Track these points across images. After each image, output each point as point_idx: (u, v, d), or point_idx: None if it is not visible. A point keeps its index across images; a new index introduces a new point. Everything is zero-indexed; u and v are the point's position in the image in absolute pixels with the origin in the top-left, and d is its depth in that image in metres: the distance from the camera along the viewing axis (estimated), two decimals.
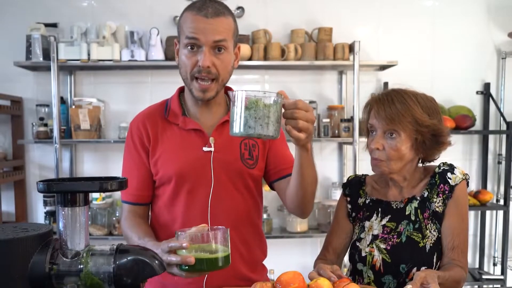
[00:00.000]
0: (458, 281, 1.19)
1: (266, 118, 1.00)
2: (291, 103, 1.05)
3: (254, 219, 1.41)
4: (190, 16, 1.25)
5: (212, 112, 1.36)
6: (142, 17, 2.79)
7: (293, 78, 2.88)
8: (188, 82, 1.28)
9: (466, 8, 2.94)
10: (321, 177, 2.93)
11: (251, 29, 2.78)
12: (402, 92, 1.31)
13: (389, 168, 1.29)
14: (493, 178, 3.01)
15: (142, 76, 2.83)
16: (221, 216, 1.31)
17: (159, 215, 1.37)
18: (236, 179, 1.33)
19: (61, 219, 0.78)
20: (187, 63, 1.25)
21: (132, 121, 1.40)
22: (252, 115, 1.00)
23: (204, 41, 1.22)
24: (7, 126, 2.80)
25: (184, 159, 1.30)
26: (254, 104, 1.00)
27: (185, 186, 1.31)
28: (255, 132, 1.01)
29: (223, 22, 1.25)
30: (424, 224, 1.29)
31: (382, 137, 1.29)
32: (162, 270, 0.80)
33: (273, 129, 1.02)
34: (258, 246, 1.43)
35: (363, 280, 1.32)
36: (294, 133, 1.05)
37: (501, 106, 2.94)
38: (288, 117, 1.05)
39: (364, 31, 2.90)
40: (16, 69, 2.63)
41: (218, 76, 1.26)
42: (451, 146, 1.35)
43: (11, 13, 2.76)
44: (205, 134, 1.32)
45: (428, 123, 1.26)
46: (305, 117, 1.05)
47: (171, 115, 1.35)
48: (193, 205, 1.31)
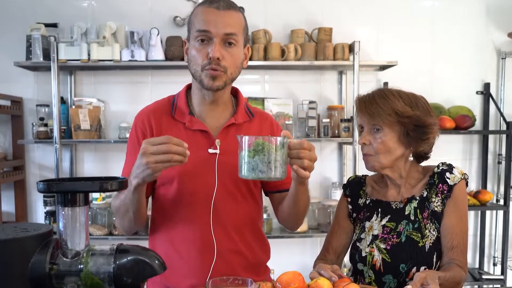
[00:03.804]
0: (458, 282, 1.19)
1: (276, 162, 1.06)
2: (296, 143, 1.09)
3: (256, 222, 1.40)
4: (201, 10, 1.25)
5: (219, 112, 1.35)
6: (142, 17, 2.79)
7: (293, 78, 2.88)
8: (198, 74, 1.26)
9: (466, 8, 2.94)
10: (321, 177, 2.94)
11: (251, 29, 2.77)
12: (384, 89, 1.35)
13: (379, 162, 1.31)
14: (493, 178, 3.01)
15: (142, 76, 2.83)
16: (224, 219, 1.30)
17: (160, 215, 1.35)
18: (240, 183, 1.31)
19: (61, 219, 0.78)
20: (197, 56, 1.24)
21: (137, 115, 1.38)
22: (262, 159, 1.05)
23: (215, 33, 1.22)
24: (7, 126, 2.80)
25: (189, 160, 1.28)
26: (263, 148, 1.05)
27: (188, 187, 1.29)
28: (266, 176, 1.07)
29: (234, 16, 1.25)
30: (423, 224, 1.29)
31: (369, 133, 1.32)
32: (163, 270, 0.80)
33: (282, 171, 1.08)
34: (261, 249, 1.41)
35: (364, 280, 1.33)
36: (301, 172, 1.10)
37: (501, 106, 2.94)
38: (294, 156, 1.09)
39: (364, 31, 2.90)
40: (16, 69, 2.63)
41: (227, 69, 1.25)
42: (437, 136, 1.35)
43: (11, 13, 2.76)
44: (211, 136, 1.31)
45: (409, 114, 1.28)
46: (309, 157, 1.10)
47: (177, 113, 1.33)
48: (195, 207, 1.29)
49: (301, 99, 2.82)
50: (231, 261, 1.31)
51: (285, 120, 2.74)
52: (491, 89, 2.93)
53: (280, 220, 1.44)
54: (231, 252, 1.31)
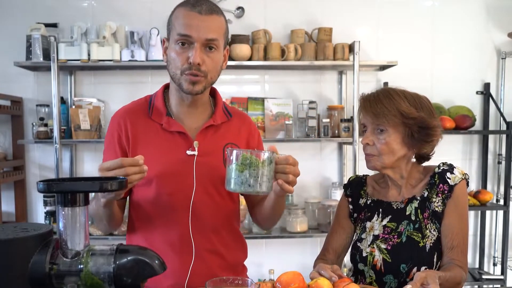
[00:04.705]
0: (458, 282, 1.19)
1: (264, 176, 1.08)
2: (282, 158, 1.12)
3: (233, 223, 1.40)
4: (183, 12, 1.23)
5: (197, 113, 1.34)
6: (142, 17, 2.79)
7: (293, 78, 2.88)
8: (177, 77, 1.26)
9: (465, 8, 2.94)
10: (321, 177, 2.94)
11: (251, 29, 2.77)
12: (389, 89, 1.33)
13: (381, 162, 1.30)
14: (493, 178, 3.01)
15: (142, 76, 2.83)
16: (202, 220, 1.30)
17: (138, 215, 1.34)
18: (218, 184, 1.30)
19: (61, 219, 0.78)
20: (177, 59, 1.23)
21: (113, 116, 1.36)
22: (252, 174, 1.07)
23: (197, 38, 1.21)
24: (7, 126, 2.79)
25: (167, 161, 1.28)
26: (251, 163, 1.07)
27: (166, 188, 1.28)
28: (254, 190, 1.08)
29: (216, 20, 1.24)
30: (424, 224, 1.29)
31: (372, 133, 1.31)
32: (163, 270, 0.80)
33: (269, 185, 1.10)
34: (239, 249, 1.42)
35: (365, 280, 1.33)
36: (285, 187, 1.12)
37: (501, 106, 2.94)
38: (280, 171, 1.11)
39: (363, 31, 2.90)
40: (16, 69, 2.63)
41: (207, 74, 1.25)
42: (441, 138, 1.35)
43: (11, 13, 2.76)
44: (189, 137, 1.30)
45: (414, 115, 1.27)
46: (294, 172, 1.13)
47: (154, 114, 1.32)
48: (174, 208, 1.28)
49: (301, 99, 2.82)
50: (209, 261, 1.31)
51: (285, 120, 2.74)
52: (491, 89, 2.93)
53: (254, 221, 1.49)
54: (209, 252, 1.31)
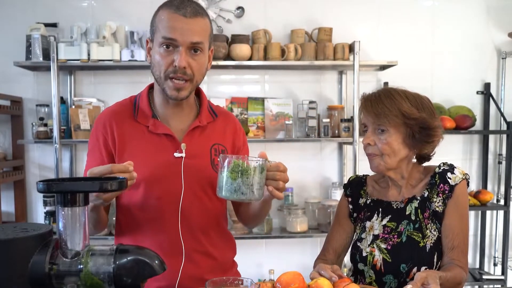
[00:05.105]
0: (459, 282, 1.19)
1: (256, 184, 1.09)
2: (273, 165, 1.13)
3: (221, 222, 1.41)
4: (167, 15, 1.22)
5: (183, 115, 1.33)
6: (142, 17, 2.78)
7: (293, 78, 2.88)
8: (161, 81, 1.25)
9: (466, 8, 2.94)
10: (321, 177, 2.94)
11: (251, 29, 2.77)
12: (390, 89, 1.33)
13: (385, 162, 1.30)
14: (493, 178, 3.01)
15: (142, 76, 2.82)
16: (191, 222, 1.29)
17: (126, 219, 1.33)
18: (206, 185, 1.30)
19: (61, 219, 0.77)
20: (162, 62, 1.23)
21: (98, 117, 1.34)
22: (244, 182, 1.07)
23: (182, 41, 1.20)
24: (7, 126, 2.79)
25: (154, 164, 1.27)
26: (244, 171, 1.07)
27: (155, 192, 1.27)
28: (246, 198, 1.09)
29: (201, 22, 1.23)
30: (424, 224, 1.29)
31: (374, 133, 1.31)
32: (163, 270, 0.80)
33: (261, 192, 1.11)
34: (228, 247, 1.43)
35: (365, 280, 1.33)
36: (275, 193, 1.13)
37: (501, 106, 2.94)
38: (271, 178, 1.12)
39: (364, 31, 2.89)
40: (16, 69, 2.63)
41: (193, 77, 1.24)
42: (442, 139, 1.34)
43: (11, 13, 2.76)
44: (176, 140, 1.28)
45: (416, 116, 1.27)
46: (284, 179, 1.13)
47: (140, 116, 1.31)
48: (162, 211, 1.28)
49: (301, 99, 2.82)
50: (199, 262, 1.31)
51: (285, 120, 2.74)
52: (492, 89, 2.93)
53: (239, 219, 1.50)
54: (198, 253, 1.31)
